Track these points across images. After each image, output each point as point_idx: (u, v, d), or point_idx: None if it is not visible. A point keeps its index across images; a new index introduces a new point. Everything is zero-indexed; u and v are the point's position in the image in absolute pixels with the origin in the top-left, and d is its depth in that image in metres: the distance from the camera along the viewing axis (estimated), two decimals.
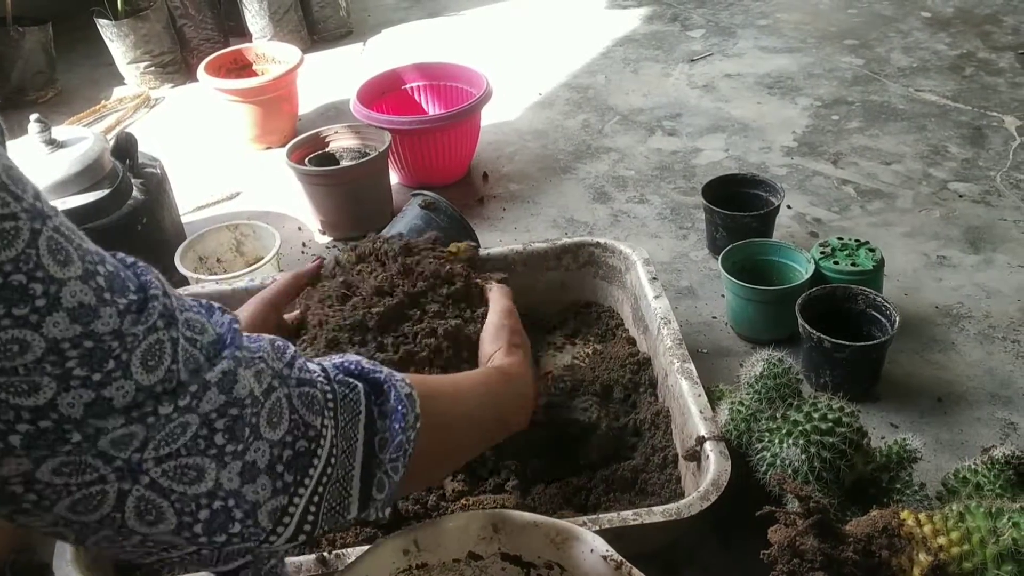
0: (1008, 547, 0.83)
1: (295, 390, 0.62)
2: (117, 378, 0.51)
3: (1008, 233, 1.65)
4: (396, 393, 0.69)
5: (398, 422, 0.68)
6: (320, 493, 0.63)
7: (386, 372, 0.71)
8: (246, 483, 0.57)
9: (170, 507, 0.55)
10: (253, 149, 2.19)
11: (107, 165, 1.53)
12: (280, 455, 0.60)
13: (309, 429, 0.62)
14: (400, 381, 0.70)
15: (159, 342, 0.53)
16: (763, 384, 1.11)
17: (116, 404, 0.51)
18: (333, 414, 0.64)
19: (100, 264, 0.54)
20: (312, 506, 0.62)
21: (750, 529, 0.90)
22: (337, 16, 2.79)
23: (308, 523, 0.62)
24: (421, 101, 2.09)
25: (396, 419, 0.68)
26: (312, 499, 0.62)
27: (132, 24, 2.46)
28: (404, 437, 0.68)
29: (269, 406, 0.59)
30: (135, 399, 0.52)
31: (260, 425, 0.58)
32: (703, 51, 2.51)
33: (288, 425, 0.60)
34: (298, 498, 0.61)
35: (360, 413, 0.66)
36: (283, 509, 0.60)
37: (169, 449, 0.54)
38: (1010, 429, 1.24)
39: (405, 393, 0.69)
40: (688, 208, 1.80)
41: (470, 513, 0.84)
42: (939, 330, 1.43)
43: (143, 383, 0.52)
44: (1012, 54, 2.33)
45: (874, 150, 1.95)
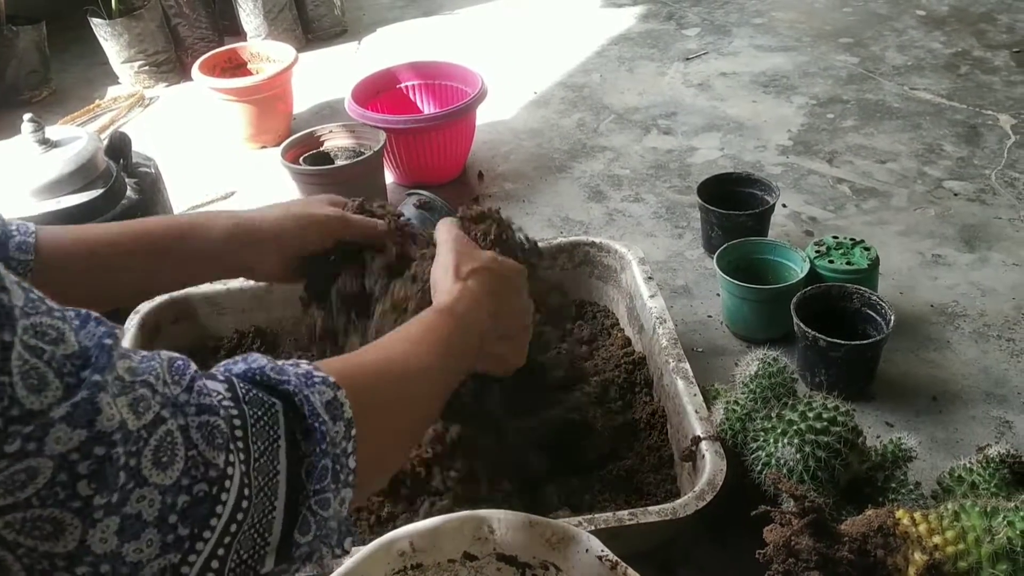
0: (1003, 546, 0.83)
1: (193, 420, 0.50)
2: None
3: (1003, 231, 1.65)
4: (311, 407, 0.57)
5: (319, 443, 0.56)
6: (227, 545, 0.51)
7: (296, 378, 0.58)
8: (126, 542, 0.46)
9: (16, 561, 0.44)
10: (248, 148, 2.19)
11: (101, 165, 1.52)
12: (174, 503, 0.48)
13: (210, 468, 0.50)
14: (319, 384, 0.59)
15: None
16: (758, 383, 1.11)
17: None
18: (243, 445, 0.53)
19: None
20: (215, 561, 0.50)
21: (746, 528, 0.90)
22: (332, 15, 2.79)
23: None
24: (416, 100, 2.09)
25: (316, 439, 0.57)
26: (215, 554, 0.50)
27: (126, 23, 2.45)
28: (330, 460, 0.57)
29: (156, 442, 0.48)
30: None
31: (143, 467, 0.47)
32: (698, 50, 2.51)
33: (183, 465, 0.49)
34: (194, 555, 0.49)
35: (279, 439, 0.55)
36: (174, 569, 0.48)
37: (14, 499, 0.42)
38: (1005, 428, 1.24)
39: (326, 400, 0.58)
40: (683, 207, 1.80)
41: (465, 514, 0.84)
42: (934, 329, 1.43)
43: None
44: (1007, 52, 2.33)
45: (869, 149, 1.96)
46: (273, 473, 0.54)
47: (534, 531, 0.82)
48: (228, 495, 0.50)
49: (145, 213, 1.56)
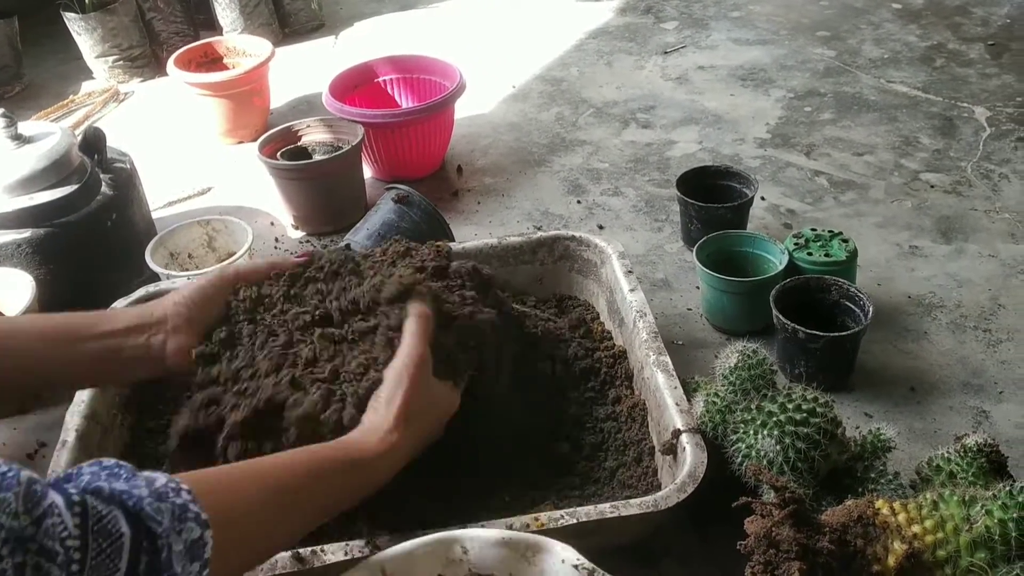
0: (981, 534, 0.83)
1: (32, 559, 0.50)
2: None
3: (979, 223, 1.66)
4: (168, 556, 0.58)
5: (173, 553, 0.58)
6: None
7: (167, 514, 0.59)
8: None
9: None
10: (224, 144, 2.17)
11: (75, 160, 1.51)
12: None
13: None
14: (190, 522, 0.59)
15: None
16: (738, 375, 1.12)
17: None
18: (79, 568, 0.53)
19: None
20: None
21: (727, 520, 0.90)
22: (308, 9, 2.77)
23: None
24: (394, 94, 2.08)
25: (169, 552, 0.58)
26: None
27: (100, 17, 2.42)
28: None
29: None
30: None
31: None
32: (676, 43, 2.51)
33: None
34: None
35: (117, 572, 0.55)
36: None
37: None
38: (982, 417, 1.25)
39: (191, 540, 0.59)
40: (662, 200, 1.80)
41: (437, 536, 0.83)
42: (912, 320, 1.44)
43: None
44: (982, 45, 2.35)
45: (846, 141, 1.96)
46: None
47: (508, 547, 0.81)
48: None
49: (120, 209, 1.54)
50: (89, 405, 1.10)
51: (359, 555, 0.88)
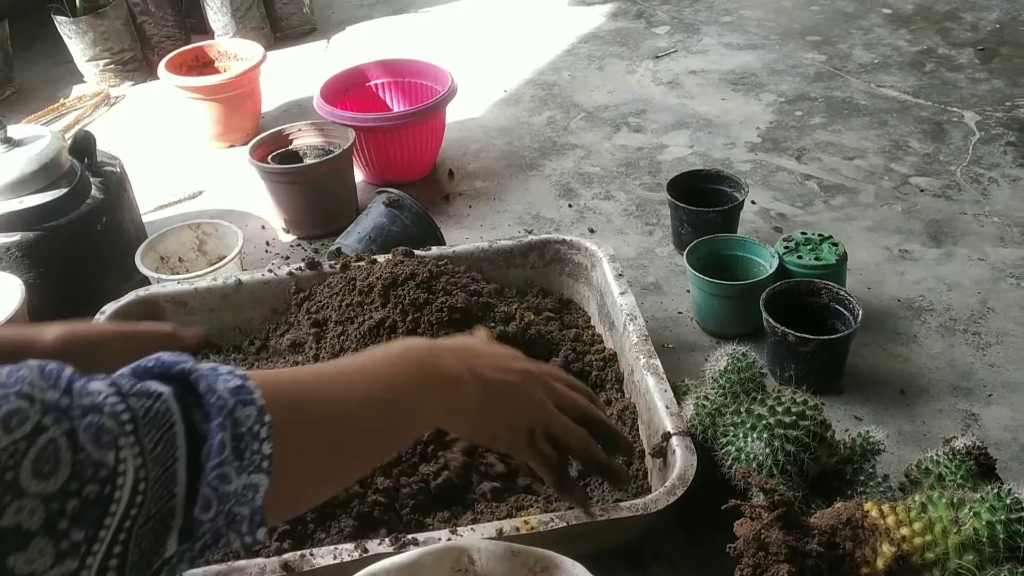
0: (970, 537, 0.83)
1: (80, 422, 0.49)
2: None
3: (968, 227, 1.67)
4: (207, 384, 0.55)
5: (213, 417, 0.55)
6: (123, 542, 0.49)
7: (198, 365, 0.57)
8: (10, 554, 0.44)
9: None
10: (215, 147, 2.17)
11: (65, 164, 1.50)
12: (62, 509, 0.46)
13: (100, 469, 0.48)
14: (225, 375, 0.57)
15: None
16: (728, 378, 1.12)
17: None
18: (134, 439, 0.51)
19: None
20: (113, 560, 0.49)
21: (716, 523, 0.90)
22: (300, 13, 2.77)
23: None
24: (385, 98, 2.08)
25: (211, 414, 0.55)
26: (111, 552, 0.49)
27: (91, 21, 2.42)
28: (228, 435, 0.55)
29: (36, 452, 0.46)
30: None
31: (21, 479, 0.45)
32: (668, 48, 2.52)
33: (70, 470, 0.47)
34: (91, 557, 0.48)
35: (174, 424, 0.53)
36: (73, 574, 0.47)
37: None
38: (971, 420, 1.26)
39: (231, 386, 0.56)
40: (653, 204, 1.80)
41: (444, 545, 0.83)
42: (901, 323, 1.44)
43: None
44: (971, 50, 2.36)
45: (837, 145, 1.97)
46: (171, 460, 0.52)
47: (516, 560, 0.80)
48: (121, 492, 0.49)
49: (111, 212, 1.54)
50: None
51: (348, 559, 0.88)
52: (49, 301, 1.46)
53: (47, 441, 0.47)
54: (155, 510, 0.51)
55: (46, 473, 0.46)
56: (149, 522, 0.51)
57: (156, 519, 0.51)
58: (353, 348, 1.17)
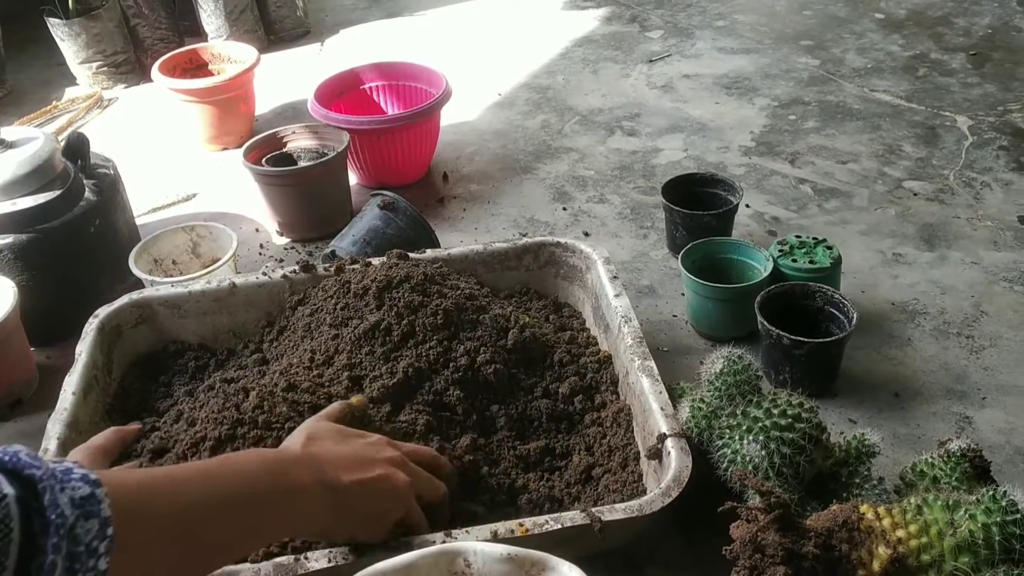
0: (965, 539, 0.83)
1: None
2: None
3: (961, 230, 1.67)
4: (51, 497, 0.53)
5: (52, 537, 0.52)
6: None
7: (49, 470, 0.55)
8: None
9: None
10: (209, 150, 2.16)
11: (58, 166, 1.50)
12: None
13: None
14: (76, 480, 0.55)
15: None
16: (723, 381, 1.12)
17: None
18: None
19: None
20: None
21: (712, 526, 0.90)
22: (294, 16, 2.77)
23: None
24: (380, 101, 2.08)
25: (50, 533, 0.52)
26: None
27: (84, 23, 2.41)
28: (61, 558, 0.52)
29: None
30: None
31: None
32: (661, 52, 2.52)
33: None
34: None
35: (11, 531, 0.51)
36: None
37: None
38: (965, 423, 1.26)
39: (79, 496, 0.55)
40: (648, 207, 1.80)
41: (440, 548, 0.82)
42: (896, 326, 1.45)
43: None
44: (963, 55, 2.37)
45: (830, 149, 1.98)
46: (1, 569, 0.51)
47: (512, 563, 0.80)
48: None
49: (104, 215, 1.53)
50: (71, 413, 1.10)
51: (343, 562, 0.87)
52: (42, 304, 1.46)
53: None
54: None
55: None
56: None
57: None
58: (347, 350, 1.17)
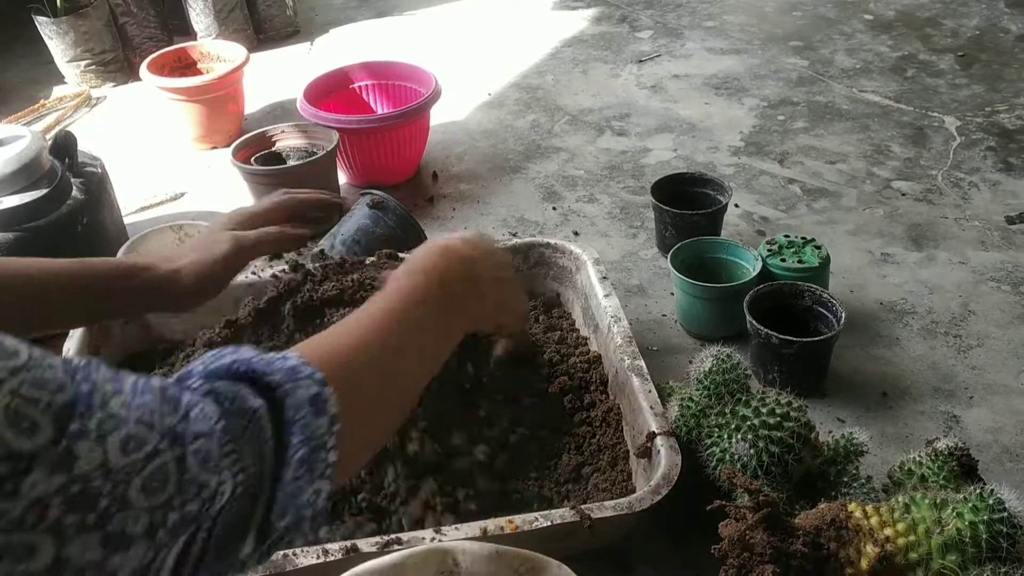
0: (953, 537, 0.84)
1: (190, 447, 0.53)
2: None
3: (949, 230, 1.68)
4: (294, 400, 0.60)
5: (298, 434, 0.59)
6: (204, 540, 0.53)
7: (282, 373, 0.61)
8: (114, 554, 0.48)
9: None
10: (198, 149, 2.15)
11: (45, 164, 1.49)
12: (163, 520, 0.50)
13: (203, 489, 0.53)
14: (304, 379, 0.61)
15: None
16: (712, 380, 1.12)
17: None
18: (235, 458, 0.55)
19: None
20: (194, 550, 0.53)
21: (701, 525, 0.90)
22: (283, 15, 2.76)
23: None
24: (369, 100, 2.08)
25: (296, 432, 0.59)
26: (189, 550, 0.53)
27: (72, 22, 2.40)
28: (308, 451, 0.59)
29: (148, 473, 0.50)
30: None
31: (130, 495, 0.49)
32: (651, 52, 2.52)
33: (175, 488, 0.51)
34: (165, 549, 0.51)
35: (268, 441, 0.58)
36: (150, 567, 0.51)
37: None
38: (953, 422, 1.26)
39: (311, 395, 0.60)
40: (637, 207, 1.80)
41: (429, 547, 0.82)
42: (884, 326, 1.45)
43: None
44: (952, 56, 2.38)
45: (819, 150, 1.98)
46: (260, 477, 0.57)
47: (501, 562, 0.80)
48: (213, 507, 0.53)
49: (91, 213, 1.53)
50: None
51: (332, 559, 0.87)
52: None
53: (159, 464, 0.51)
54: (239, 516, 0.55)
55: (153, 490, 0.50)
56: (231, 529, 0.55)
57: (238, 524, 0.56)
58: None
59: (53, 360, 0.49)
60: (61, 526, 0.46)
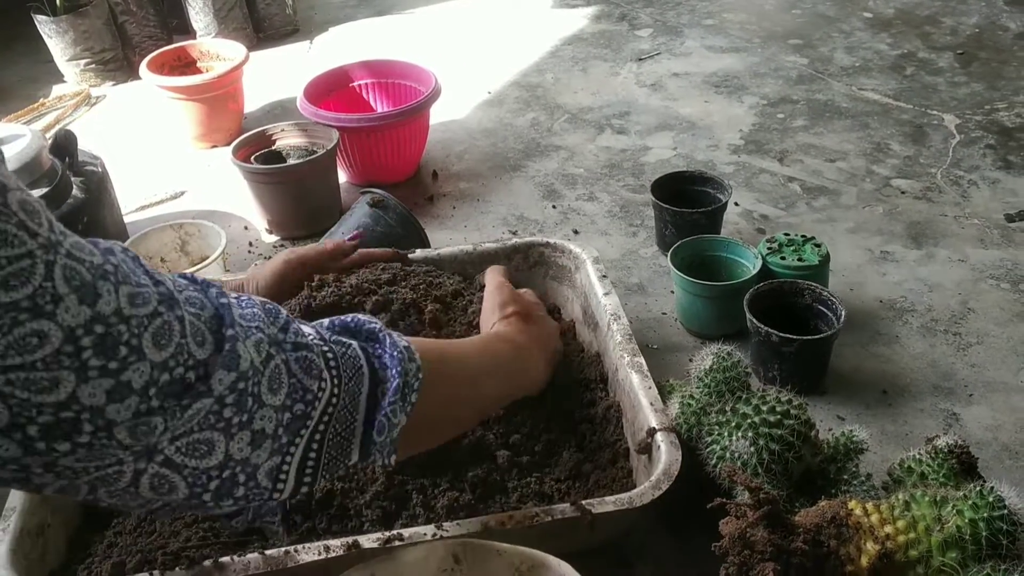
0: (953, 534, 0.84)
1: (291, 355, 0.66)
2: (132, 362, 0.54)
3: (948, 228, 1.68)
4: (392, 341, 0.74)
5: (395, 367, 0.73)
6: (316, 449, 0.68)
7: (381, 324, 0.76)
8: (255, 450, 0.63)
9: (182, 480, 0.60)
10: (198, 148, 2.16)
11: (45, 163, 1.49)
12: (281, 419, 0.64)
13: (306, 392, 0.66)
14: (396, 338, 0.75)
15: (166, 324, 0.57)
16: (712, 378, 1.12)
17: (135, 385, 0.54)
18: (336, 373, 0.69)
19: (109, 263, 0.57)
20: (310, 461, 0.68)
21: (701, 522, 0.90)
22: (283, 14, 2.76)
23: (307, 476, 0.68)
24: (369, 99, 2.08)
25: (393, 364, 0.73)
26: (307, 455, 0.67)
27: (71, 20, 2.40)
28: (402, 380, 0.72)
29: (269, 373, 0.63)
30: (152, 377, 0.55)
31: (262, 393, 0.63)
32: (651, 50, 2.53)
33: (288, 389, 0.65)
34: (290, 456, 0.66)
35: (362, 367, 0.71)
36: (278, 468, 0.65)
37: (184, 428, 0.58)
38: (952, 419, 1.26)
39: (403, 345, 0.74)
40: (637, 205, 1.80)
41: (430, 544, 0.82)
42: (883, 324, 1.45)
43: (156, 360, 0.56)
44: (951, 54, 2.38)
45: (819, 148, 1.98)
46: (357, 394, 0.71)
47: (502, 560, 0.80)
48: (315, 411, 0.67)
49: (92, 212, 1.53)
50: None
51: (333, 556, 0.87)
52: None
53: (275, 366, 0.64)
54: (341, 428, 0.70)
55: (275, 390, 0.64)
56: (336, 437, 0.70)
57: (342, 435, 0.70)
58: None
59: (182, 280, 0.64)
60: (231, 424, 0.61)
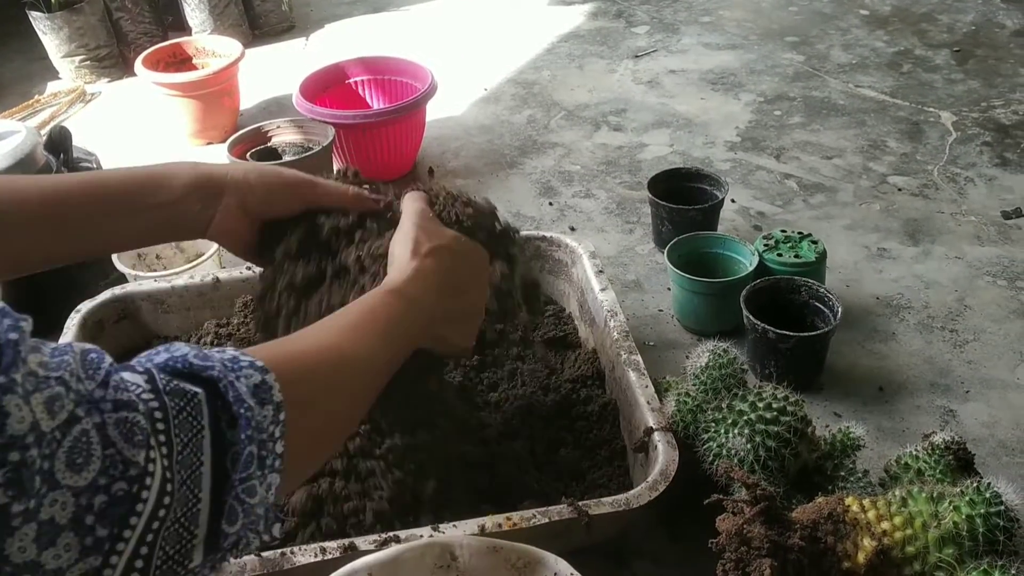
0: (949, 531, 0.84)
1: (110, 417, 0.48)
2: None
3: (945, 225, 1.68)
4: (235, 392, 0.55)
5: (243, 429, 0.54)
6: (150, 543, 0.49)
7: (220, 364, 0.56)
8: (44, 549, 0.44)
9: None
10: (193, 144, 2.15)
11: (40, 160, 1.48)
12: (90, 504, 0.46)
13: (129, 467, 0.48)
14: (246, 368, 0.57)
15: None
16: (709, 375, 1.12)
17: None
18: (165, 439, 0.50)
19: None
20: (139, 561, 0.48)
21: (698, 519, 0.90)
22: (279, 10, 2.75)
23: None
24: (365, 95, 2.07)
25: (241, 426, 0.55)
26: (138, 553, 0.48)
27: (66, 17, 2.39)
28: (256, 446, 0.55)
29: (70, 443, 0.46)
30: None
31: (56, 469, 0.45)
32: (647, 47, 2.52)
33: (100, 465, 0.47)
34: (116, 556, 0.47)
35: (203, 429, 0.53)
36: (95, 573, 0.46)
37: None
38: (949, 416, 1.26)
39: (252, 384, 0.56)
40: (634, 202, 1.80)
41: (427, 541, 0.82)
42: (880, 320, 1.45)
43: None
44: (947, 51, 2.38)
45: (815, 145, 1.98)
46: (197, 464, 0.52)
47: (499, 556, 0.80)
48: (149, 492, 0.48)
49: None
50: None
51: (329, 557, 0.87)
52: (24, 297, 1.44)
53: (80, 432, 0.46)
54: (180, 514, 0.51)
55: (78, 465, 0.46)
56: (174, 526, 0.51)
57: (181, 524, 0.51)
58: None
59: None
60: (7, 513, 0.42)
